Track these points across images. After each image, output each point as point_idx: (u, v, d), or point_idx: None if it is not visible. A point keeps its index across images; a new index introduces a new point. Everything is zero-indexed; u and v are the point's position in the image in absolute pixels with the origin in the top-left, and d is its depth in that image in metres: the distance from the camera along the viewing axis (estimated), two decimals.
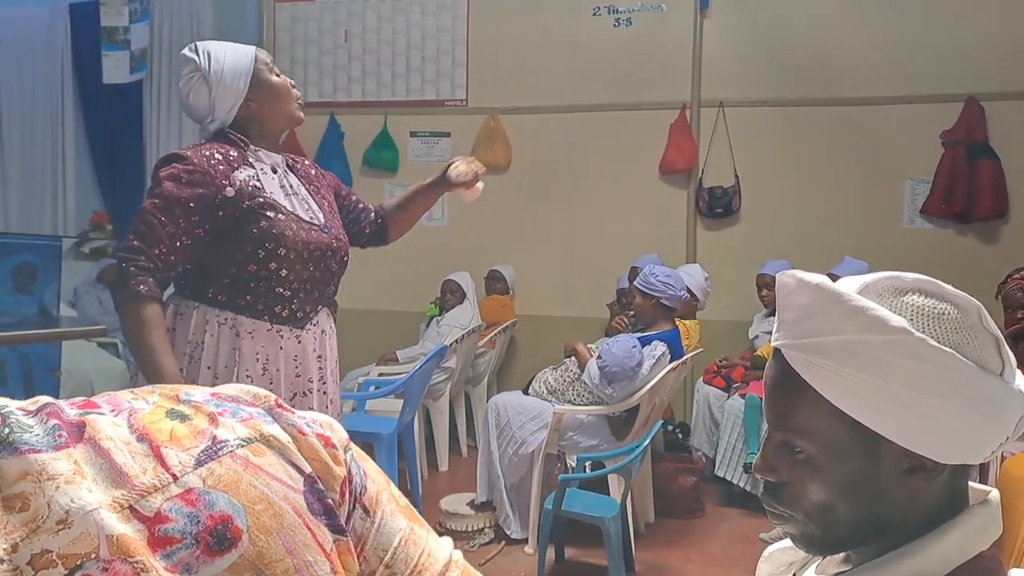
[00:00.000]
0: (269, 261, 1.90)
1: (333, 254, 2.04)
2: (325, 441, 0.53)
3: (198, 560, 0.45)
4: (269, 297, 1.92)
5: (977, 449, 0.75)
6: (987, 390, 0.72)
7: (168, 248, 1.83)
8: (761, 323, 4.74)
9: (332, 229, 2.06)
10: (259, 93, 1.97)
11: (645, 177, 5.45)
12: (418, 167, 5.87)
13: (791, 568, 0.91)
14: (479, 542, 3.56)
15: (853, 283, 0.79)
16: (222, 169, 1.89)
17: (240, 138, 1.98)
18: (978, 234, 4.97)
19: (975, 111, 4.89)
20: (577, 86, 5.54)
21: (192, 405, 0.52)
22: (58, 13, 6.34)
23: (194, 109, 1.97)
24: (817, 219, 5.16)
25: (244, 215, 1.89)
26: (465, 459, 4.95)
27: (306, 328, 1.99)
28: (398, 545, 0.56)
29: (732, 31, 5.33)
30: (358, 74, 5.94)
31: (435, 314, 5.24)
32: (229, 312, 1.91)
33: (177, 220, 1.83)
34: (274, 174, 2.01)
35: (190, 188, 1.84)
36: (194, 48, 1.95)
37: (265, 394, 0.55)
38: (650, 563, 3.48)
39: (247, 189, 1.90)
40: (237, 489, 0.48)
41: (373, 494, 0.56)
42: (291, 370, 1.97)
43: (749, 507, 4.11)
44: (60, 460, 0.44)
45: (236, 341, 1.91)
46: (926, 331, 0.73)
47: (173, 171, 1.85)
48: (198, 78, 1.92)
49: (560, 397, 3.70)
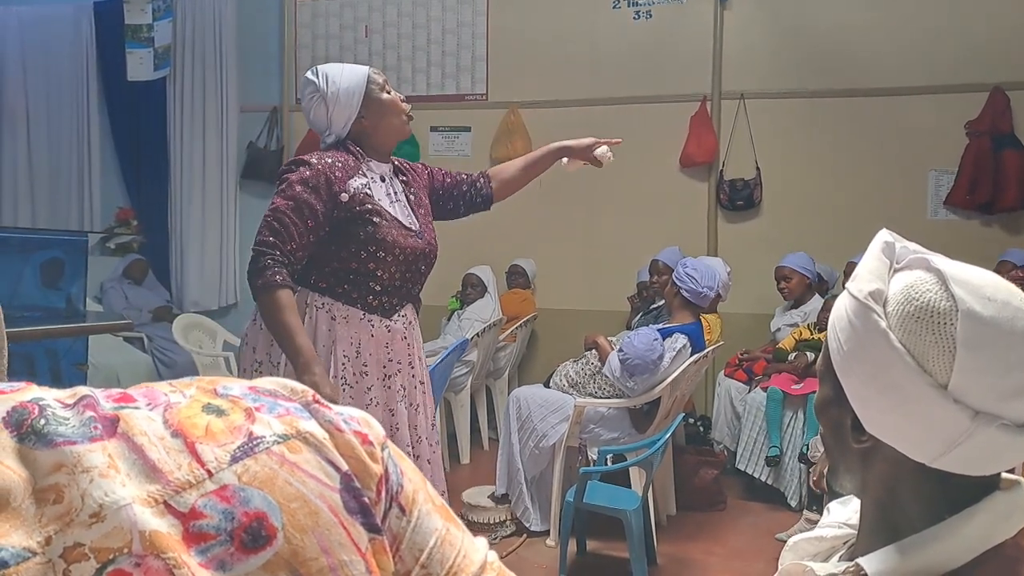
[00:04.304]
0: (369, 261, 2.13)
1: (424, 258, 2.25)
2: (362, 438, 0.53)
3: (232, 557, 0.45)
4: (363, 289, 2.15)
5: (897, 438, 0.76)
6: (911, 389, 0.73)
7: (298, 244, 2.05)
8: (782, 316, 4.71)
9: (425, 235, 2.26)
10: (370, 110, 2.20)
11: (666, 170, 5.42)
12: (439, 161, 5.83)
13: (816, 558, 0.91)
14: (501, 534, 3.58)
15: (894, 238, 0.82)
16: (340, 176, 2.11)
17: (357, 149, 2.20)
18: (1003, 225, 4.91)
19: (1001, 101, 4.83)
20: (597, 79, 5.52)
21: (229, 399, 0.51)
22: (83, 11, 6.39)
23: (315, 124, 2.23)
24: (839, 211, 5.11)
25: (354, 219, 2.11)
26: (486, 452, 4.97)
27: (394, 319, 2.22)
28: (434, 545, 0.55)
29: (753, 22, 5.29)
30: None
31: (456, 308, 5.25)
32: (328, 298, 2.15)
33: (306, 220, 2.05)
34: (382, 182, 2.22)
35: (316, 192, 2.06)
36: (315, 71, 2.20)
37: (302, 389, 0.54)
38: (672, 556, 3.48)
39: (360, 196, 2.12)
40: (272, 486, 0.47)
41: (409, 493, 0.55)
42: (382, 354, 2.18)
43: (771, 500, 4.10)
44: (95, 453, 0.44)
45: (331, 323, 2.14)
46: (897, 309, 0.75)
47: (302, 175, 2.07)
48: (318, 98, 2.16)
49: (581, 390, 3.70)
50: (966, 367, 0.71)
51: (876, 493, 0.81)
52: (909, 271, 0.78)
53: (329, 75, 2.17)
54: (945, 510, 0.75)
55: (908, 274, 0.78)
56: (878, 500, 0.81)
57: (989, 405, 0.71)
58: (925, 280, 0.76)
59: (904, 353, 0.73)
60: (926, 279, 0.76)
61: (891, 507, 0.79)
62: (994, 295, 0.73)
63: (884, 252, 0.80)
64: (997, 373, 0.71)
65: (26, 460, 0.43)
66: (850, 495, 0.90)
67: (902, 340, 0.74)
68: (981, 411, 0.71)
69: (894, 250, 0.80)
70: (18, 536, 0.41)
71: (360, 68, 2.23)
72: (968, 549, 0.73)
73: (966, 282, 0.74)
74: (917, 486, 0.77)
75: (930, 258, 0.77)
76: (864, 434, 0.78)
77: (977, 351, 0.71)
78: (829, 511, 0.95)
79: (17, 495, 0.42)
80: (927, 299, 0.74)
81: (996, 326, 0.71)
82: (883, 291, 0.77)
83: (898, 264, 0.79)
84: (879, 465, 0.79)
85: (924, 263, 0.77)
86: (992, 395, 0.71)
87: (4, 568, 0.40)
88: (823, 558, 0.90)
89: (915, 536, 0.75)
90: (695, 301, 3.65)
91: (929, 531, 0.75)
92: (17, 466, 0.43)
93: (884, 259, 0.79)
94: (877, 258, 0.80)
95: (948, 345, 0.72)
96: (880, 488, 0.80)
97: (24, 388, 0.47)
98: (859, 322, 0.77)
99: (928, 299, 0.74)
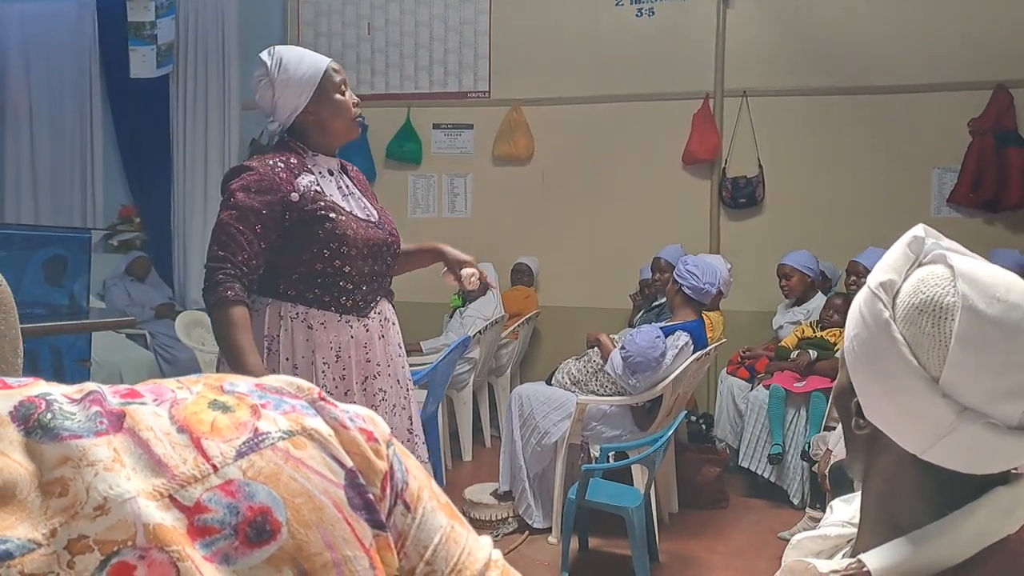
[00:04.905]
0: (334, 259, 2.04)
1: (388, 248, 2.17)
2: (367, 435, 0.53)
3: (236, 551, 0.45)
4: (334, 291, 2.06)
5: (889, 426, 0.77)
6: (902, 379, 0.74)
7: (249, 254, 1.97)
8: (785, 313, 4.71)
9: (385, 225, 2.19)
10: (319, 107, 2.09)
11: (668, 167, 5.42)
12: (441, 159, 5.89)
13: (819, 557, 0.91)
14: (503, 532, 3.58)
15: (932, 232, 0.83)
16: (285, 176, 2.02)
17: (299, 145, 2.11)
18: (1006, 223, 4.90)
19: (1004, 99, 4.82)
20: (600, 77, 5.52)
21: (236, 396, 0.51)
22: (86, 8, 6.39)
23: (259, 106, 2.13)
24: (842, 209, 5.11)
25: (309, 218, 2.02)
26: (488, 449, 4.97)
27: (370, 316, 2.13)
28: (439, 542, 0.55)
29: (755, 19, 5.28)
30: (381, 67, 5.96)
31: (458, 305, 5.25)
32: (301, 306, 2.06)
33: (254, 227, 1.97)
34: (331, 176, 2.15)
35: (260, 196, 1.98)
36: (271, 52, 2.09)
37: (308, 386, 0.55)
38: (674, 553, 3.48)
39: (310, 194, 2.03)
40: (277, 482, 0.48)
41: (414, 490, 0.55)
42: (361, 355, 2.11)
43: (773, 498, 4.10)
44: (100, 447, 0.45)
45: (309, 332, 2.05)
46: (904, 300, 0.76)
47: (243, 182, 1.99)
48: (266, 82, 2.07)
49: (583, 387, 3.70)
50: (958, 363, 0.72)
51: (878, 485, 0.81)
52: (928, 266, 0.79)
53: (284, 60, 2.06)
54: (946, 506, 0.76)
55: (925, 269, 0.79)
56: (880, 493, 0.81)
57: (978, 403, 0.71)
58: (937, 275, 0.76)
59: (901, 343, 0.74)
60: (939, 274, 0.76)
61: (892, 501, 0.79)
62: (1005, 296, 0.72)
63: (910, 246, 0.81)
64: (991, 373, 0.71)
65: (33, 453, 0.44)
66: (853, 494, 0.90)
67: (902, 331, 0.75)
68: (969, 408, 0.71)
69: (922, 245, 0.81)
70: (24, 528, 0.42)
71: (320, 60, 2.11)
72: (970, 545, 0.74)
73: (977, 280, 0.74)
74: (918, 481, 0.77)
75: (949, 254, 0.78)
76: (864, 420, 0.80)
77: (972, 349, 0.71)
78: (832, 510, 0.95)
79: (23, 488, 0.43)
80: (933, 293, 0.75)
81: (999, 326, 0.71)
82: (895, 283, 0.78)
83: (924, 259, 0.80)
84: (882, 456, 0.80)
85: (943, 259, 0.78)
86: (982, 394, 0.71)
87: (9, 559, 0.40)
88: (827, 556, 0.90)
89: (917, 532, 0.76)
90: (697, 298, 3.65)
91: (931, 527, 0.75)
92: (24, 459, 0.44)
93: (909, 253, 0.80)
94: (902, 251, 0.81)
95: (944, 339, 0.73)
96: (881, 480, 0.81)
97: (32, 383, 0.48)
98: (866, 310, 0.79)
99: (935, 293, 0.75)
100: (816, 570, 0.79)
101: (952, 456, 0.74)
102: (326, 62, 2.11)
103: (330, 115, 2.11)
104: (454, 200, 5.89)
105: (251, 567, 0.45)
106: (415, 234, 5.78)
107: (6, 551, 0.41)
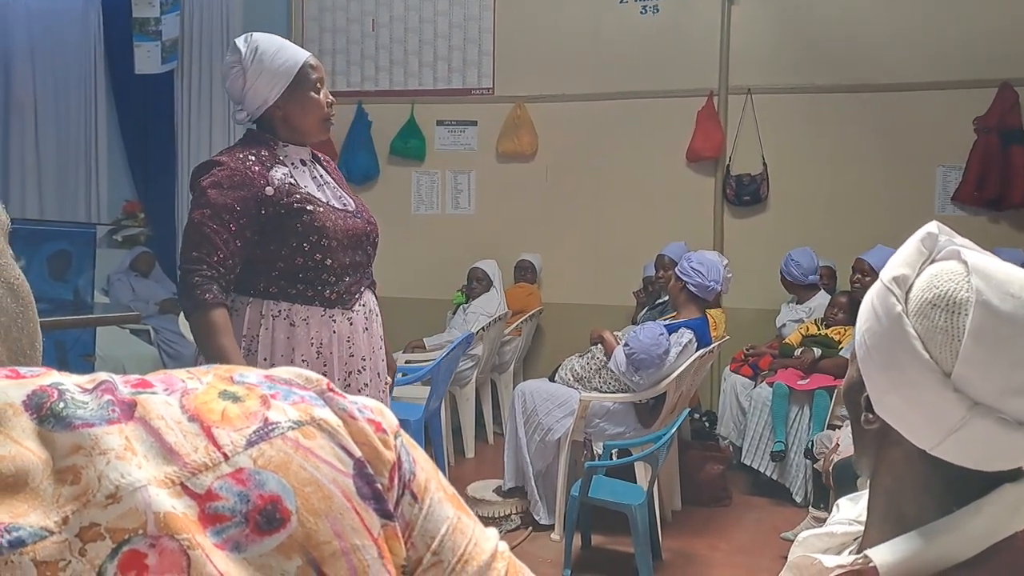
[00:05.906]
0: (315, 252, 1.97)
1: (367, 237, 2.12)
2: (376, 426, 0.54)
3: (247, 539, 0.46)
4: (317, 284, 2.00)
5: (900, 420, 0.77)
6: (913, 373, 0.74)
7: (225, 253, 1.90)
8: (788, 311, 4.71)
9: (363, 214, 2.13)
10: (289, 103, 2.02)
11: (672, 164, 5.42)
12: (445, 155, 5.89)
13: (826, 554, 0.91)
14: (506, 528, 3.59)
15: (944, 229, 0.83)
16: (257, 170, 1.95)
17: (268, 136, 2.05)
18: (1011, 221, 4.89)
19: (1009, 97, 4.81)
20: (604, 74, 5.51)
21: (246, 386, 0.52)
22: (91, 4, 6.40)
23: (229, 92, 2.06)
24: (846, 207, 5.11)
25: (286, 212, 1.95)
26: (491, 446, 4.98)
27: (355, 309, 2.07)
28: (446, 533, 0.55)
29: (760, 17, 5.27)
30: (385, 63, 5.96)
31: (462, 302, 5.26)
32: (284, 303, 1.99)
33: (228, 225, 1.90)
34: (304, 166, 2.08)
35: (233, 192, 1.91)
36: (247, 39, 2.01)
37: (317, 378, 0.55)
38: (677, 551, 3.49)
39: (285, 187, 1.97)
40: (287, 470, 0.48)
41: (422, 481, 0.56)
42: (344, 351, 2.05)
43: (776, 496, 4.10)
44: (112, 435, 0.45)
45: (290, 330, 1.99)
46: (917, 295, 0.77)
47: (214, 178, 1.92)
48: (238, 70, 1.99)
49: (586, 384, 3.71)
50: (971, 358, 0.72)
51: (885, 481, 0.81)
52: (941, 262, 0.79)
53: (260, 50, 1.98)
54: (954, 502, 0.76)
55: (938, 264, 0.79)
56: (887, 489, 0.81)
57: (990, 398, 0.71)
58: (951, 270, 0.77)
59: (914, 337, 0.74)
60: (953, 269, 0.77)
61: (900, 497, 0.79)
62: (1019, 292, 0.73)
63: (924, 242, 0.81)
64: (1003, 368, 0.71)
65: (45, 442, 0.44)
66: (860, 493, 0.90)
67: (915, 325, 0.75)
68: (980, 403, 0.71)
69: (935, 241, 0.81)
70: (36, 516, 0.42)
71: (298, 54, 2.03)
72: (977, 541, 0.74)
73: (991, 276, 0.74)
74: (926, 477, 0.77)
75: (963, 250, 0.78)
76: (873, 415, 0.80)
77: (985, 344, 0.71)
78: (839, 508, 0.95)
79: (36, 475, 0.43)
80: (947, 288, 0.75)
81: (1012, 322, 0.71)
82: (908, 277, 0.78)
83: (937, 255, 0.80)
84: (891, 451, 0.80)
85: (956, 255, 0.78)
86: (994, 389, 0.71)
87: (22, 546, 0.41)
88: (834, 554, 0.90)
89: (923, 528, 0.76)
90: (702, 295, 3.66)
91: (938, 523, 0.75)
92: (36, 447, 0.44)
93: (922, 249, 0.81)
94: (915, 247, 0.81)
95: (957, 334, 0.73)
96: (889, 476, 0.81)
97: (44, 373, 0.48)
98: (879, 304, 0.79)
99: (948, 288, 0.75)
100: (822, 565, 0.79)
101: (962, 452, 0.74)
102: (304, 56, 2.04)
103: (300, 112, 2.03)
104: (458, 197, 5.89)
105: (261, 555, 0.46)
106: (419, 231, 5.85)
107: (19, 538, 0.41)
